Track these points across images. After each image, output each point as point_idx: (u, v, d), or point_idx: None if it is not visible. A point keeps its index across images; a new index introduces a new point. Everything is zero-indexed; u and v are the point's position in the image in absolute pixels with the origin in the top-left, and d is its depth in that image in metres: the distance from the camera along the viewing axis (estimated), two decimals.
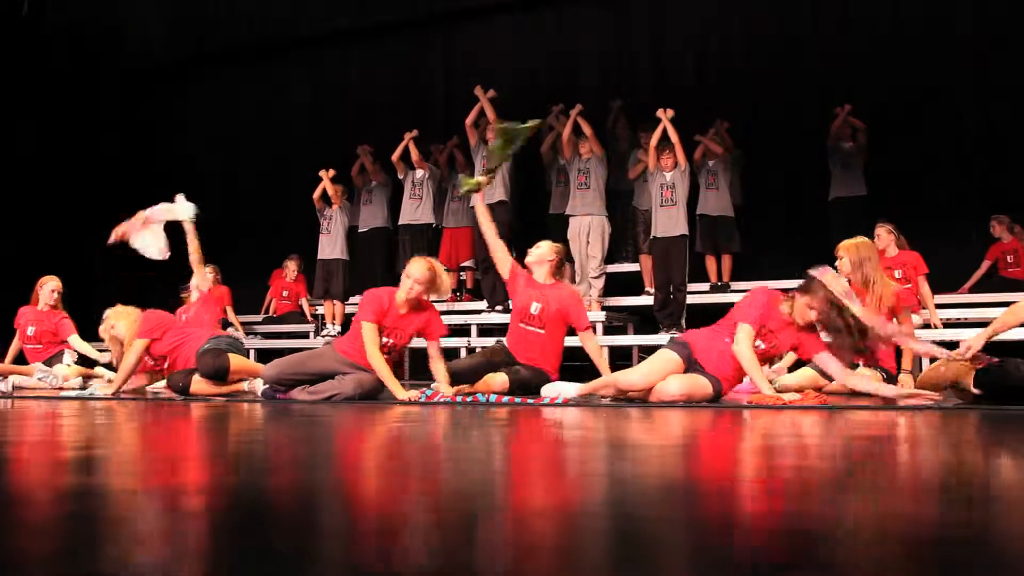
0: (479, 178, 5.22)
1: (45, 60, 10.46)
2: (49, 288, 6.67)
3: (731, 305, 4.34)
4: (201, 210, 10.32)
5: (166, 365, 5.21)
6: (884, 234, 6.44)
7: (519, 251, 7.84)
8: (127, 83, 11.20)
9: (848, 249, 4.97)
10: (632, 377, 4.04)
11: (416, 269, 4.51)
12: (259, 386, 4.93)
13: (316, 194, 8.30)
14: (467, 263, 8.42)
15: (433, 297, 4.71)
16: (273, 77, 10.94)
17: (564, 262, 5.25)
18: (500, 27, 9.93)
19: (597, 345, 5.11)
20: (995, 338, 3.84)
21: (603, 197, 7.48)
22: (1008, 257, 7.43)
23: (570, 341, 5.18)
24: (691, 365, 4.09)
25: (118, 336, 5.22)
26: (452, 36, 10.21)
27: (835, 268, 4.93)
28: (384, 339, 4.52)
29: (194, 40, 10.70)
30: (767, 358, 4.23)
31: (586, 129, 7.44)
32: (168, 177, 11.14)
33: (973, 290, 7.40)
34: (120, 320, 5.24)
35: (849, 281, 4.99)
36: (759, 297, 4.12)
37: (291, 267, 9.13)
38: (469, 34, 10.12)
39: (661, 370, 4.03)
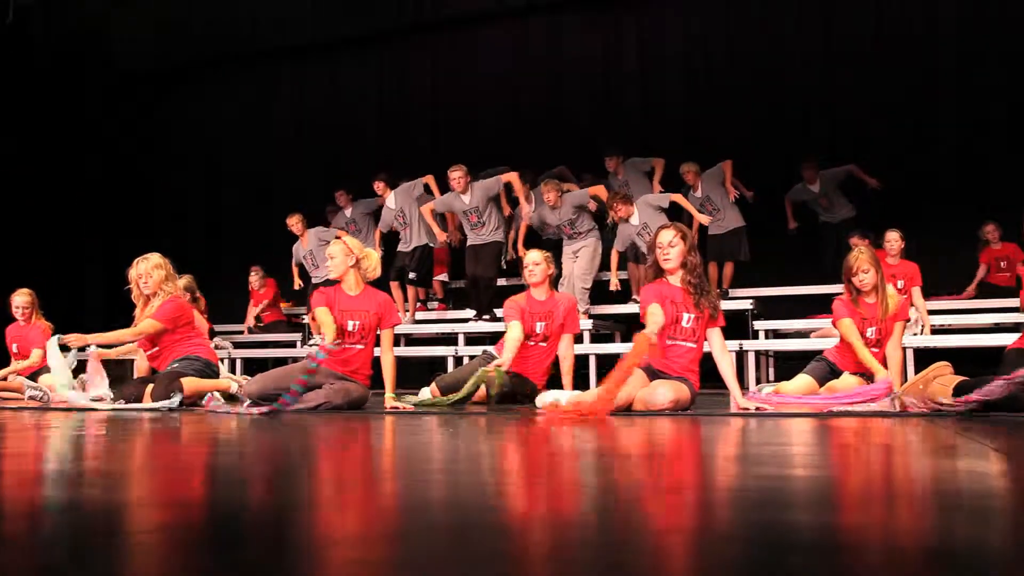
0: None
1: (30, 67, 10.41)
2: (14, 304, 6.52)
3: (726, 312, 4.44)
4: (186, 216, 10.30)
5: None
6: (897, 239, 6.50)
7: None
8: (112, 91, 11.16)
9: (871, 263, 4.83)
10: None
11: (331, 249, 4.77)
12: (220, 399, 4.95)
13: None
14: (441, 276, 8.61)
15: (369, 276, 4.79)
16: (259, 86, 10.92)
17: (552, 265, 5.33)
18: (487, 37, 9.96)
19: (572, 353, 5.15)
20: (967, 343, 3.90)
21: (595, 228, 7.50)
22: (1001, 263, 7.50)
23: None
24: (655, 376, 4.18)
25: (147, 286, 5.01)
26: (438, 45, 10.22)
27: (852, 284, 4.85)
28: (351, 323, 4.58)
29: (180, 48, 10.67)
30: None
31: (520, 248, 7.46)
32: (152, 185, 11.16)
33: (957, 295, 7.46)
34: (157, 273, 5.02)
35: (857, 290, 4.90)
36: (648, 289, 4.29)
37: (254, 279, 9.02)
38: (455, 43, 10.14)
39: (630, 387, 4.07)
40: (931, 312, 6.73)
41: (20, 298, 6.55)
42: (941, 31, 8.30)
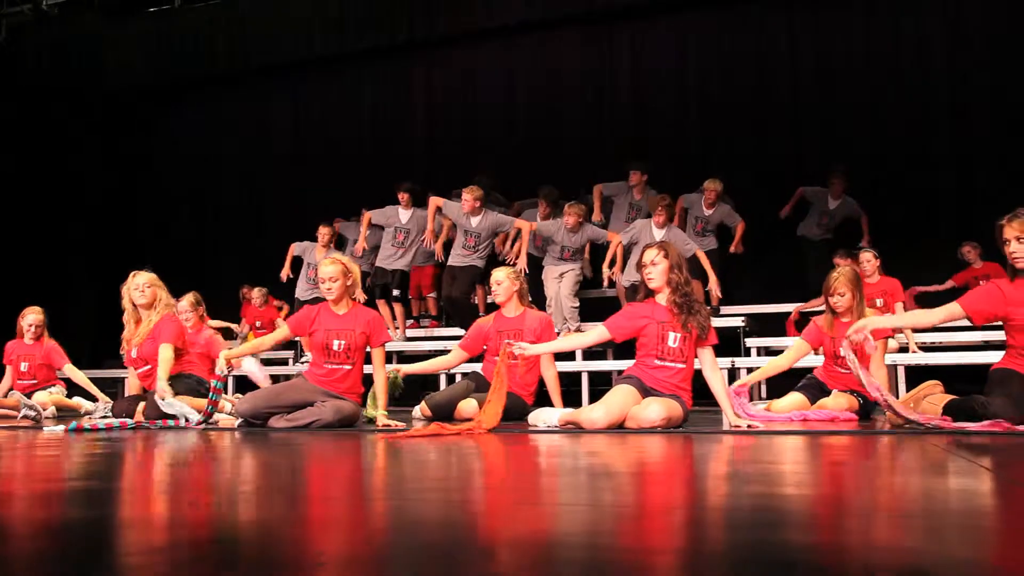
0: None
1: (24, 86, 10.41)
2: (27, 322, 6.47)
3: (719, 329, 4.47)
4: (179, 234, 10.27)
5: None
6: (872, 258, 6.55)
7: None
8: (105, 109, 11.17)
9: (848, 285, 4.87)
10: (594, 415, 4.03)
11: (325, 271, 4.62)
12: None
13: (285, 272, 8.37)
14: (433, 294, 8.61)
15: (356, 294, 4.79)
16: (254, 104, 10.94)
17: (522, 280, 5.39)
18: (481, 55, 10.01)
19: (555, 371, 5.17)
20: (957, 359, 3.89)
21: (583, 254, 7.52)
22: (981, 282, 7.52)
23: (561, 367, 5.26)
24: (647, 393, 4.17)
25: (143, 295, 5.07)
26: (437, 62, 10.27)
27: (828, 303, 4.92)
28: (336, 343, 4.55)
29: (174, 66, 10.70)
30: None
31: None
32: (146, 202, 11.15)
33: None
34: (150, 290, 5.08)
35: (832, 310, 4.94)
36: (627, 308, 4.42)
37: (256, 296, 8.99)
38: (454, 60, 10.19)
39: (621, 404, 4.07)
40: (922, 330, 6.76)
41: (33, 315, 6.50)
42: (934, 56, 8.40)
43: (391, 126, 10.31)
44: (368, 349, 4.67)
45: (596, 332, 4.39)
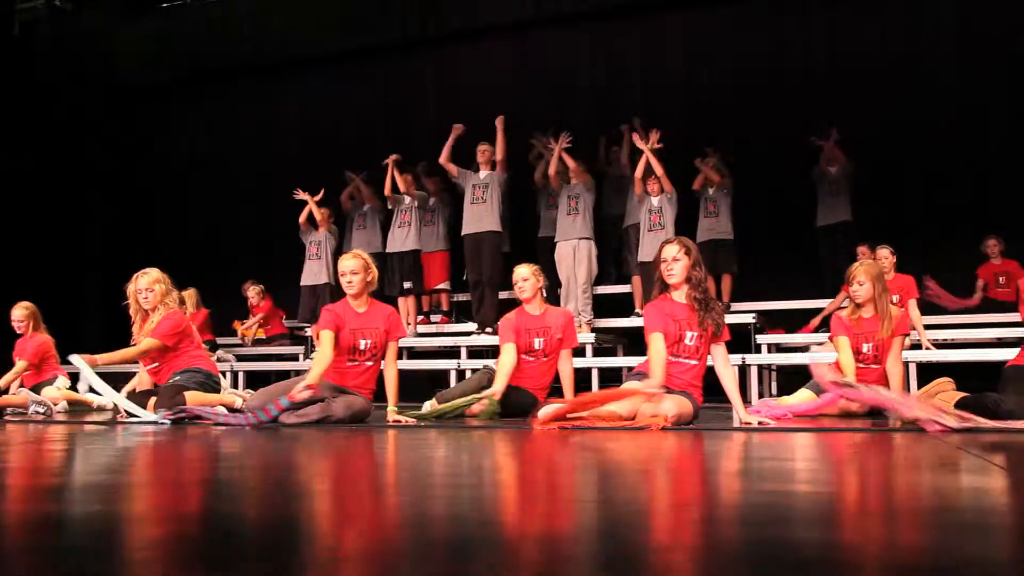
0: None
1: (37, 81, 10.44)
2: (13, 318, 6.61)
3: (730, 325, 4.43)
4: (187, 230, 10.30)
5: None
6: (887, 255, 6.53)
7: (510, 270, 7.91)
8: (117, 102, 11.19)
9: (868, 274, 4.82)
10: (606, 412, 4.03)
11: (347, 264, 4.66)
12: (222, 411, 4.98)
13: (302, 217, 8.33)
14: (442, 285, 8.47)
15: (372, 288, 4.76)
16: (262, 100, 10.94)
17: (544, 278, 5.38)
18: (490, 50, 9.98)
19: (572, 367, 5.17)
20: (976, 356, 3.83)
21: (591, 222, 7.53)
22: (1000, 278, 7.49)
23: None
24: None
25: (147, 301, 5.06)
26: (443, 58, 10.25)
27: (850, 296, 4.89)
28: (363, 342, 4.56)
29: (183, 62, 10.70)
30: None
31: (569, 162, 7.52)
32: (154, 198, 11.17)
33: (962, 312, 7.43)
34: (158, 287, 5.07)
35: (858, 305, 4.87)
36: (651, 311, 4.24)
37: (253, 294, 9.00)
38: (460, 57, 10.16)
39: (632, 401, 4.06)
40: (935, 327, 6.72)
41: (17, 311, 6.65)
42: (941, 47, 8.34)
43: (399, 123, 10.27)
44: None
45: (658, 340, 4.14)
